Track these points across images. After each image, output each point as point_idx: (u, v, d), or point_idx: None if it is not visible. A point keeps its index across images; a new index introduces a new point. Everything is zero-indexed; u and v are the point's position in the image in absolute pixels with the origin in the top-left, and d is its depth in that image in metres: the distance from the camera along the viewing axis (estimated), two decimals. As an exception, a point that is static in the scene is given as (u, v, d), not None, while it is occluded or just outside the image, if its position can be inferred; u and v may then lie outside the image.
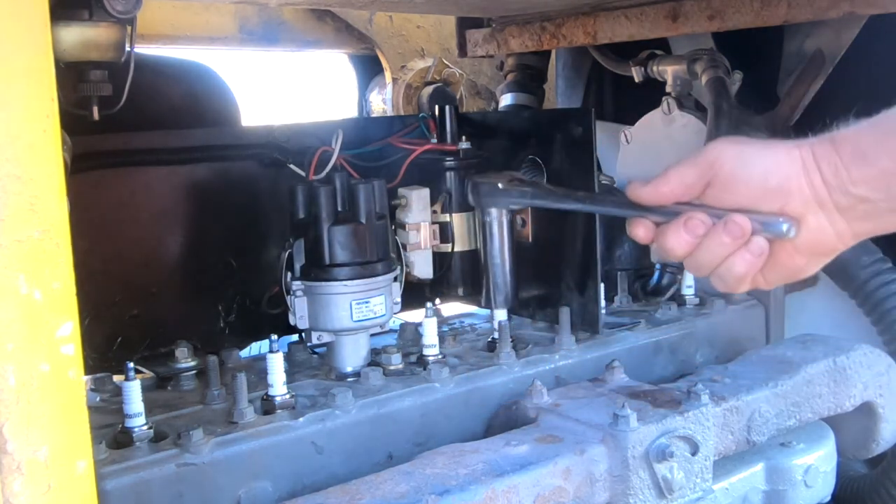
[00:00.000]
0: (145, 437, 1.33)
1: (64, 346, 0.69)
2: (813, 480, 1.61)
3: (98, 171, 1.66)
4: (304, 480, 1.39)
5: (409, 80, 2.26)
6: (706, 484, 1.42)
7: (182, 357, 1.63)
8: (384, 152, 1.93)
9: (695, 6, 1.98)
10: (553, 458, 1.29)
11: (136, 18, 1.40)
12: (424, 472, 1.25)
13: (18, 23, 0.66)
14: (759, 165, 0.98)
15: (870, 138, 0.95)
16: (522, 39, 2.40)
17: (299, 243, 1.60)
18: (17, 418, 0.67)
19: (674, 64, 2.22)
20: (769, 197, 0.98)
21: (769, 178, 0.98)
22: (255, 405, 1.41)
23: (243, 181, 1.84)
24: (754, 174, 0.98)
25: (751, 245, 0.98)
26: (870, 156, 0.94)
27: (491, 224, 1.74)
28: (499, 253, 1.75)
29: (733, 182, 0.99)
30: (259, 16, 2.58)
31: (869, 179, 0.94)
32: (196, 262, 1.80)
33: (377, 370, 1.57)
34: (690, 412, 1.40)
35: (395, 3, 2.14)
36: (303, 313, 1.59)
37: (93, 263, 1.64)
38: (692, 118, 2.22)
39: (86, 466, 0.71)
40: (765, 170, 0.98)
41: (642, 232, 1.04)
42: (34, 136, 0.67)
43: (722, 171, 0.99)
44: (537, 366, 1.67)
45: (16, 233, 0.67)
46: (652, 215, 1.03)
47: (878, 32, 2.00)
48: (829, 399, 1.66)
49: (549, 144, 1.82)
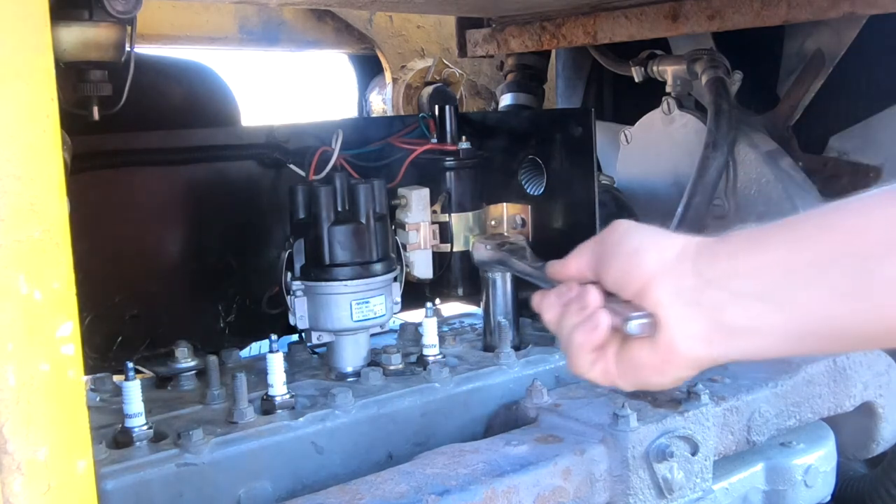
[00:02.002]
0: (145, 437, 1.33)
1: (64, 346, 0.70)
2: (813, 480, 1.61)
3: (98, 171, 1.65)
4: (304, 480, 1.39)
5: (409, 80, 2.26)
6: (706, 484, 1.42)
7: (182, 357, 1.63)
8: (384, 152, 1.93)
9: (695, 6, 1.98)
10: (553, 458, 1.29)
11: (136, 18, 1.40)
12: (424, 472, 1.25)
13: (18, 23, 0.66)
14: (633, 244, 0.87)
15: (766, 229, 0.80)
16: (522, 39, 2.40)
17: (299, 243, 1.61)
18: (17, 418, 0.67)
19: (674, 64, 2.22)
20: (630, 278, 0.85)
21: (638, 258, 0.85)
22: (255, 405, 1.41)
23: (243, 181, 1.84)
24: (624, 252, 0.87)
25: (593, 317, 0.87)
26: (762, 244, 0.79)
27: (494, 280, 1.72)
28: (502, 306, 1.73)
29: (609, 259, 0.89)
30: (259, 16, 2.58)
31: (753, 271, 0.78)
32: (196, 262, 1.80)
33: (377, 370, 1.57)
34: (690, 412, 1.40)
35: (395, 3, 2.14)
36: (303, 313, 1.59)
37: (93, 263, 1.63)
38: (692, 118, 2.22)
39: (86, 466, 0.71)
40: (635, 249, 0.86)
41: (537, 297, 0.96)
42: (34, 136, 0.67)
43: (605, 248, 0.90)
44: (537, 366, 1.67)
45: (16, 233, 0.67)
46: None
47: (878, 32, 2.00)
48: (829, 399, 1.66)
49: (549, 144, 1.83)
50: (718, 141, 2.04)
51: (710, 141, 2.05)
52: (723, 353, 0.81)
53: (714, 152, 2.04)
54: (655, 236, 0.87)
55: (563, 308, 0.91)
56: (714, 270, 0.80)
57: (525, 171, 1.90)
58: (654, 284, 0.83)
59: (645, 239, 0.87)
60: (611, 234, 0.90)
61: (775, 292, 0.76)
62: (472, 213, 1.91)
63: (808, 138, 2.21)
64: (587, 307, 0.88)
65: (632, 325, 0.84)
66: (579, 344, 0.88)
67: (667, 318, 0.82)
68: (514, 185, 1.91)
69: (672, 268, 0.82)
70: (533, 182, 1.89)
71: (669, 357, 0.83)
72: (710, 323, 0.80)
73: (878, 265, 0.70)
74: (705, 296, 0.80)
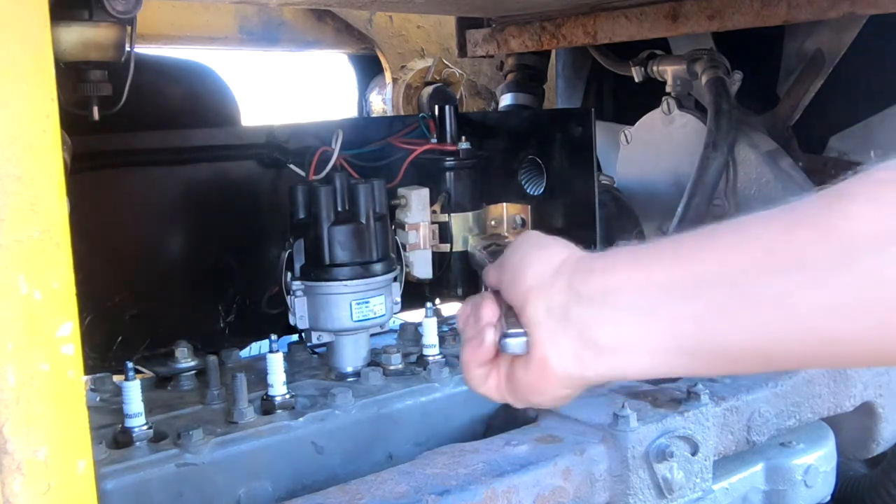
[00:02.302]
0: (145, 437, 1.33)
1: (64, 346, 0.69)
2: (813, 480, 1.61)
3: (98, 171, 1.66)
4: (303, 480, 1.39)
5: (409, 80, 2.26)
6: (706, 484, 1.42)
7: (182, 357, 1.63)
8: (384, 152, 1.93)
9: (695, 6, 1.98)
10: (553, 458, 1.29)
11: (136, 18, 1.40)
12: (424, 472, 1.25)
13: (18, 23, 0.66)
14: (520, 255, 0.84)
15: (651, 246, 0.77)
16: (522, 39, 2.40)
17: (299, 243, 1.61)
18: (17, 418, 0.67)
19: (674, 64, 2.22)
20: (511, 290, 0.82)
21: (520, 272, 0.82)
22: (254, 405, 1.41)
23: (243, 181, 1.84)
24: (512, 264, 0.84)
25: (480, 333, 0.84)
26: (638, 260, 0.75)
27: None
28: None
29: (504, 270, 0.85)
30: (259, 16, 2.58)
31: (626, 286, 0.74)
32: (196, 262, 1.80)
33: (377, 370, 1.57)
34: (690, 412, 1.41)
35: (395, 3, 2.13)
36: (303, 313, 1.59)
37: (93, 263, 1.63)
38: (692, 118, 2.22)
39: (86, 466, 0.71)
40: (519, 260, 0.83)
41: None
42: (34, 136, 0.67)
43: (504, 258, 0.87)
44: (537, 366, 1.66)
45: (16, 233, 0.67)
46: None
47: (878, 32, 2.00)
48: (829, 399, 1.66)
49: (549, 144, 1.83)
50: (718, 141, 2.04)
51: (710, 141, 2.05)
52: (597, 371, 0.78)
53: (714, 152, 2.04)
54: (542, 248, 0.83)
55: (465, 319, 0.88)
56: (587, 286, 0.77)
57: (525, 171, 1.90)
58: (530, 300, 0.80)
59: (531, 251, 0.83)
60: (513, 244, 0.88)
61: (646, 307, 0.73)
62: (471, 213, 1.91)
63: (808, 138, 2.21)
64: (479, 321, 0.85)
65: (506, 342, 0.81)
66: (466, 360, 0.86)
67: (539, 336, 0.79)
68: (514, 185, 1.91)
69: (547, 284, 0.79)
70: (533, 182, 1.89)
71: (543, 375, 0.80)
72: (580, 340, 0.77)
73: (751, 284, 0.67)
74: (574, 312, 0.76)
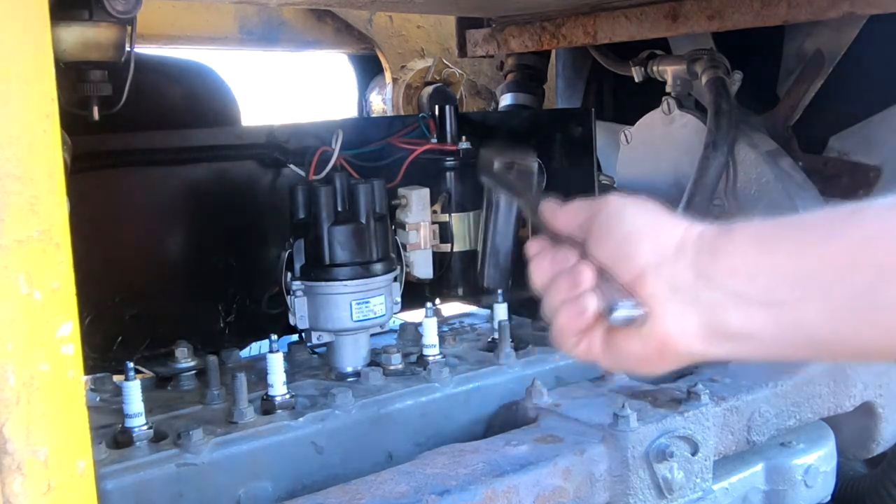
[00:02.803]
0: (145, 437, 1.33)
1: (64, 346, 0.69)
2: (813, 480, 1.61)
3: (98, 171, 1.66)
4: (303, 480, 1.39)
5: (409, 80, 2.26)
6: (706, 484, 1.42)
7: (182, 357, 1.63)
8: (384, 152, 1.93)
9: (695, 6, 1.98)
10: (553, 458, 1.29)
11: (136, 18, 1.40)
12: (424, 472, 1.25)
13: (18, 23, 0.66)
14: (626, 228, 0.83)
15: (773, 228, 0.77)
16: (522, 39, 2.40)
17: (299, 243, 1.61)
18: (17, 418, 0.67)
19: (674, 64, 2.22)
20: (623, 264, 0.81)
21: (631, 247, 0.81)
22: (254, 405, 1.42)
23: (243, 181, 1.84)
24: (616, 237, 0.83)
25: (580, 300, 0.83)
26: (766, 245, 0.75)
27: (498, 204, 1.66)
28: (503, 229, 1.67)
29: (600, 239, 0.84)
30: (259, 16, 2.58)
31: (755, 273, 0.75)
32: (196, 262, 1.80)
33: (377, 370, 1.57)
34: (690, 412, 1.40)
35: (395, 3, 2.13)
36: (303, 313, 1.59)
37: (93, 263, 1.63)
38: (692, 118, 2.22)
39: (86, 466, 0.71)
40: (627, 234, 0.82)
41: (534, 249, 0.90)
42: (34, 136, 0.67)
43: (597, 222, 0.85)
44: (537, 366, 1.67)
45: (16, 233, 0.67)
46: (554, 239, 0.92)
47: (878, 32, 2.00)
48: (829, 399, 1.66)
49: (549, 144, 1.82)
50: (718, 141, 2.04)
51: (710, 141, 2.05)
52: (721, 353, 0.79)
53: (714, 152, 2.04)
54: (650, 221, 0.83)
55: (553, 277, 0.86)
56: (714, 268, 0.77)
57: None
58: (649, 277, 0.79)
59: (638, 223, 0.83)
60: (602, 211, 0.86)
61: (776, 300, 0.74)
62: (472, 213, 1.91)
63: (808, 138, 2.21)
64: (577, 286, 0.83)
65: (620, 316, 0.81)
66: (563, 325, 0.85)
67: (662, 314, 0.79)
68: (514, 185, 1.90)
69: (669, 261, 0.79)
70: (533, 182, 1.89)
71: (663, 351, 0.81)
72: (709, 323, 0.78)
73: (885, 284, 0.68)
74: (704, 294, 0.77)
